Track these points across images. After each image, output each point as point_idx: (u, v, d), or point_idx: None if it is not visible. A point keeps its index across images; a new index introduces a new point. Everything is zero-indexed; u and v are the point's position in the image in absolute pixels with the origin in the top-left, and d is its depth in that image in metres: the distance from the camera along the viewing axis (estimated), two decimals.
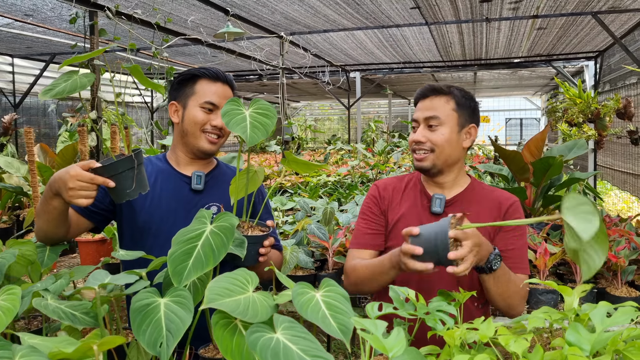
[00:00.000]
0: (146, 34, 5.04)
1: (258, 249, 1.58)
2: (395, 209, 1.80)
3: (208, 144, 1.79)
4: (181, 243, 1.27)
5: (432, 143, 1.71)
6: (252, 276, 1.13)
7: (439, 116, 1.70)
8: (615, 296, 1.96)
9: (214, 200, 1.82)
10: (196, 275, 1.21)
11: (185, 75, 1.82)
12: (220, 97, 1.78)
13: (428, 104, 1.73)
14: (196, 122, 1.77)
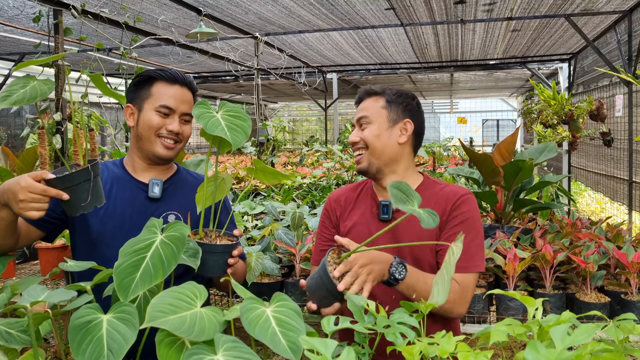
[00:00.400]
0: (117, 33, 4.93)
1: (226, 259, 1.51)
2: (347, 220, 1.77)
3: (164, 149, 1.70)
4: (129, 254, 1.20)
5: (364, 141, 1.71)
6: (200, 290, 1.07)
7: (367, 115, 1.72)
8: (584, 302, 1.94)
9: (172, 208, 1.74)
10: (144, 288, 1.15)
11: (141, 76, 1.73)
12: (177, 100, 1.70)
13: (361, 107, 1.76)
14: (151, 126, 1.68)
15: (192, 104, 1.75)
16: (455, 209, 1.64)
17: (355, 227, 1.73)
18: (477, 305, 1.99)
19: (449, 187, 1.71)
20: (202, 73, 10.32)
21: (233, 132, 1.39)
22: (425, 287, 1.54)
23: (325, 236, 1.80)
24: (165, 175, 1.80)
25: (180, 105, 1.70)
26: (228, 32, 6.13)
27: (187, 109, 1.72)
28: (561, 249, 2.11)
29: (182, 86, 1.72)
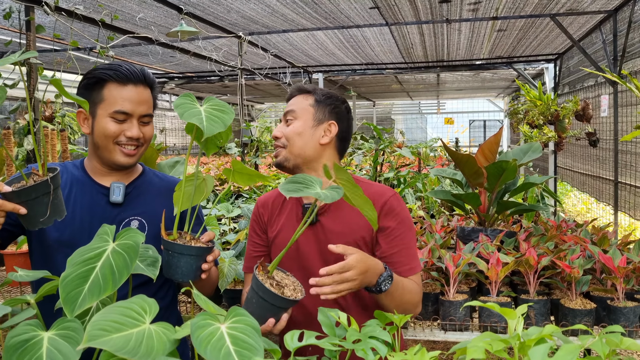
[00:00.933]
0: (94, 31, 4.81)
1: (200, 264, 1.42)
2: (274, 224, 1.73)
3: (124, 157, 1.58)
4: (77, 264, 1.10)
5: (285, 137, 1.68)
6: (150, 304, 0.97)
7: (294, 110, 1.70)
8: (569, 308, 1.86)
9: (135, 214, 1.63)
10: (92, 302, 1.05)
11: (90, 78, 1.57)
12: (133, 103, 1.56)
13: (290, 103, 1.73)
14: (107, 134, 1.55)
15: (151, 102, 1.62)
16: (386, 213, 1.61)
17: (282, 232, 1.69)
18: (459, 313, 1.91)
19: (375, 187, 1.68)
20: (186, 73, 10.18)
21: (210, 121, 1.32)
22: (403, 293, 1.52)
23: (257, 242, 1.76)
24: (128, 178, 1.68)
25: (137, 107, 1.56)
26: (210, 31, 6.03)
27: (146, 110, 1.59)
28: (545, 253, 2.04)
29: (136, 85, 1.57)
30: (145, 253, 1.26)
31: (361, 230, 1.60)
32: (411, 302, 1.54)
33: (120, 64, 1.59)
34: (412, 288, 1.55)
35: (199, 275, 1.43)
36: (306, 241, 1.63)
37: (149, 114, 1.61)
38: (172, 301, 1.76)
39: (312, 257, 1.63)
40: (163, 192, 1.70)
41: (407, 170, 5.18)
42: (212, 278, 1.66)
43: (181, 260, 1.39)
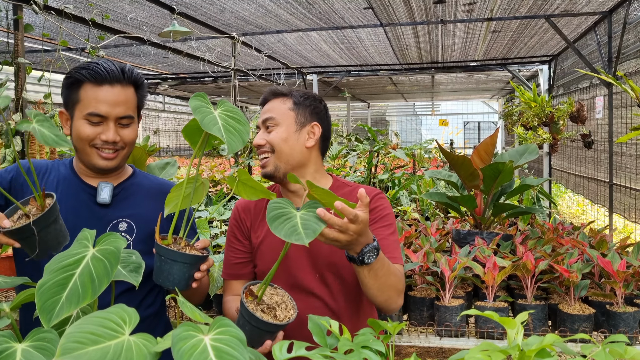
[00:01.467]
0: (84, 31, 4.74)
1: (193, 272, 1.35)
2: (258, 229, 1.66)
3: (102, 160, 1.51)
4: (55, 272, 1.05)
5: (270, 144, 1.61)
6: (130, 314, 0.92)
7: (274, 116, 1.62)
8: (567, 314, 1.82)
9: (124, 215, 1.57)
10: (70, 311, 1.00)
11: (68, 78, 1.51)
12: (109, 104, 1.48)
13: (267, 108, 1.66)
14: (83, 137, 1.49)
15: (132, 102, 1.54)
16: (372, 209, 1.60)
17: (267, 239, 1.63)
18: (455, 318, 1.86)
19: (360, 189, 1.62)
20: (179, 74, 10.11)
21: (230, 134, 1.25)
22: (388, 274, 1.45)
23: (237, 248, 1.69)
24: (117, 179, 1.63)
25: (113, 109, 1.48)
26: (203, 31, 5.97)
27: (123, 112, 1.51)
28: (543, 257, 2.00)
29: (112, 85, 1.48)
30: (128, 258, 1.21)
31: None
32: (395, 288, 1.48)
33: (99, 62, 1.50)
34: (397, 272, 1.50)
35: (190, 284, 1.37)
36: (294, 248, 1.58)
37: (128, 116, 1.53)
38: (161, 307, 1.70)
39: (301, 265, 1.59)
40: (153, 194, 1.65)
41: (402, 172, 5.14)
42: (203, 286, 1.61)
43: (174, 268, 1.33)
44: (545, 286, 1.97)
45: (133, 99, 1.55)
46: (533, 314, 1.85)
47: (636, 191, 5.44)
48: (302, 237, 1.17)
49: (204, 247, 1.40)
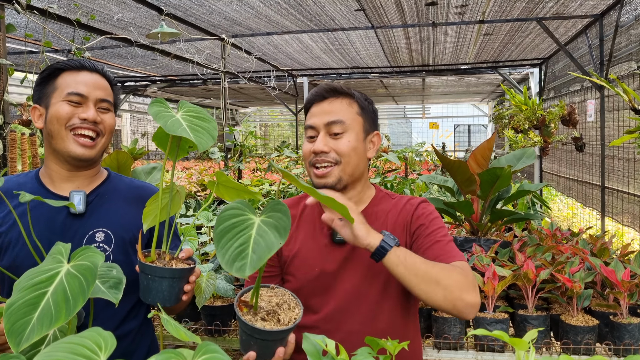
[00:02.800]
0: (70, 32, 4.64)
1: (182, 285, 1.27)
2: (289, 243, 1.49)
3: (79, 147, 1.43)
4: (26, 290, 0.96)
5: (337, 153, 1.43)
6: (106, 339, 0.83)
7: (343, 120, 1.44)
8: (570, 325, 1.75)
9: (100, 225, 1.47)
10: (42, 333, 0.91)
11: (44, 72, 1.48)
12: (89, 86, 1.45)
13: (327, 108, 1.46)
14: (60, 117, 1.42)
15: (110, 92, 1.52)
16: (418, 215, 1.46)
17: (302, 251, 1.47)
18: (453, 330, 1.79)
19: (404, 198, 1.53)
20: (168, 76, 10.00)
21: (196, 133, 1.21)
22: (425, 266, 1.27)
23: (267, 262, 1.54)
24: (91, 184, 1.52)
25: (94, 90, 1.45)
26: (193, 33, 5.87)
27: (104, 95, 1.48)
28: (543, 265, 1.93)
29: (91, 72, 1.48)
30: (108, 273, 1.12)
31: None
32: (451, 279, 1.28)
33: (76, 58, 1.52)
34: (445, 265, 1.31)
35: (181, 297, 1.29)
36: (331, 261, 1.43)
37: (108, 100, 1.49)
38: (146, 321, 1.61)
39: (338, 278, 1.43)
40: (130, 198, 1.55)
41: (394, 176, 5.07)
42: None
43: (163, 284, 1.24)
44: (545, 296, 1.90)
45: (110, 90, 1.52)
46: (535, 325, 1.78)
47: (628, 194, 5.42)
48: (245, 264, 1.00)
49: (188, 257, 1.31)
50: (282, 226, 1.05)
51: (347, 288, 1.43)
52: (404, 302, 1.45)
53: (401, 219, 1.47)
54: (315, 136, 1.47)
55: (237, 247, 1.04)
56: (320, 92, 1.49)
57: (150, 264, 1.22)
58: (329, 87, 1.49)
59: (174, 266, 1.25)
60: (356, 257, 1.44)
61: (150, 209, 1.33)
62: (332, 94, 1.48)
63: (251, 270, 0.99)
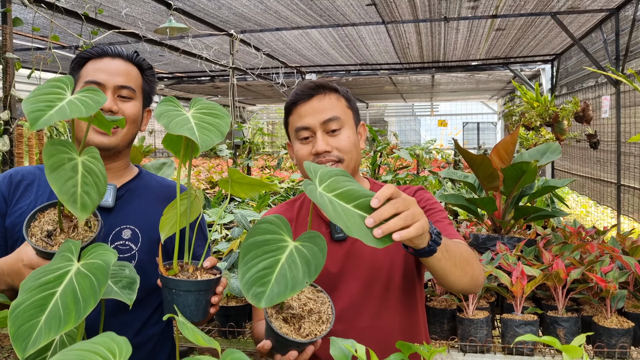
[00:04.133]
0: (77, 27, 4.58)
1: (210, 298, 1.16)
2: None
3: (97, 135, 1.36)
4: (32, 290, 0.89)
5: (339, 151, 1.38)
6: (121, 345, 0.75)
7: (339, 116, 1.39)
8: (604, 327, 1.66)
9: (128, 222, 1.39)
10: (50, 337, 0.84)
11: (73, 60, 1.43)
12: (107, 72, 1.38)
13: (318, 105, 1.39)
14: None
15: (135, 78, 1.44)
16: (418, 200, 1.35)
17: None
18: (480, 332, 1.70)
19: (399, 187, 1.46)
20: (176, 73, 9.94)
21: (204, 130, 1.08)
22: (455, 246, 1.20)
23: None
24: (120, 179, 1.45)
25: (112, 78, 1.38)
26: (201, 28, 5.81)
27: (124, 81, 1.40)
28: (573, 265, 1.84)
29: (113, 58, 1.41)
30: (120, 272, 1.04)
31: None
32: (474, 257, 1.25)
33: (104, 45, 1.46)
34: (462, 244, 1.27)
35: (209, 310, 1.17)
36: (334, 260, 1.38)
37: (129, 87, 1.41)
38: (168, 326, 1.52)
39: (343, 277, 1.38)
40: (161, 197, 1.46)
41: (406, 173, 4.98)
42: None
43: (189, 298, 1.13)
44: (576, 296, 1.81)
45: (136, 76, 1.45)
46: (566, 327, 1.69)
47: None
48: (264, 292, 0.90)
49: (212, 266, 1.22)
50: (315, 263, 0.96)
51: (354, 286, 1.38)
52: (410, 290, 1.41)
53: None
54: (309, 137, 1.41)
55: (261, 269, 0.95)
56: (306, 90, 1.42)
57: (173, 277, 1.12)
58: (314, 84, 1.43)
59: (199, 278, 1.15)
60: (357, 251, 1.39)
61: (167, 217, 1.23)
62: (319, 90, 1.42)
63: (267, 303, 0.90)
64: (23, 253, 1.11)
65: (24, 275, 1.09)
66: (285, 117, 1.48)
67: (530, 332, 1.66)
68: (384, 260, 1.39)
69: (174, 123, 1.06)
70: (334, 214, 0.93)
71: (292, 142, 1.47)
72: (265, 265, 0.95)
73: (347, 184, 1.02)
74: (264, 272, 0.94)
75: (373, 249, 1.35)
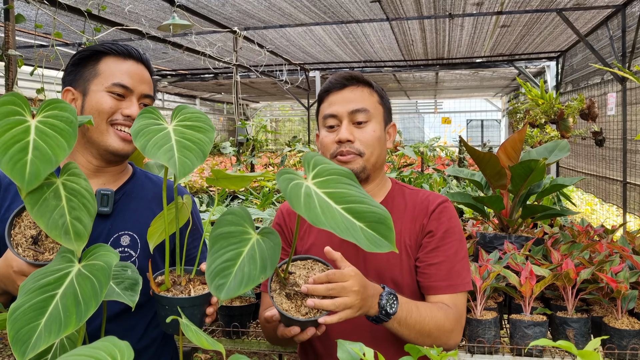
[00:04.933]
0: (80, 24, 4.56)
1: (205, 310, 1.14)
2: (304, 237, 1.45)
3: (119, 141, 1.32)
4: (32, 292, 0.86)
5: (362, 143, 1.38)
6: (122, 349, 0.73)
7: (368, 109, 1.40)
8: (615, 329, 1.63)
9: (126, 227, 1.35)
10: (50, 341, 0.82)
11: (84, 52, 1.36)
12: (134, 78, 1.34)
13: (349, 96, 1.40)
14: (101, 110, 1.30)
15: (152, 86, 1.41)
16: (434, 219, 1.38)
17: (315, 246, 1.41)
18: (488, 333, 1.68)
19: (423, 193, 1.45)
20: (179, 70, 9.92)
21: (184, 151, 0.98)
22: (420, 320, 1.24)
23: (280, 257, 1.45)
24: (117, 181, 1.41)
25: (139, 84, 1.34)
26: (205, 25, 5.78)
27: (148, 90, 1.37)
28: (582, 264, 1.81)
29: (137, 62, 1.37)
30: (122, 273, 1.02)
31: (405, 237, 1.38)
32: (441, 330, 1.26)
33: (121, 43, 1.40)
34: (437, 313, 1.27)
35: (204, 321, 1.16)
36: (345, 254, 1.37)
37: (151, 96, 1.38)
38: None
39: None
40: (158, 199, 1.43)
41: (410, 170, 4.95)
42: None
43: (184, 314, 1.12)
44: (585, 297, 1.78)
45: (152, 85, 1.42)
46: (575, 328, 1.66)
47: None
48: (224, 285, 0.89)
49: None
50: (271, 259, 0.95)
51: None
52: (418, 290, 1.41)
53: (417, 217, 1.41)
54: (335, 125, 1.41)
55: (224, 261, 0.93)
56: (339, 79, 1.43)
57: (165, 294, 1.09)
58: (349, 75, 1.44)
59: (192, 290, 1.11)
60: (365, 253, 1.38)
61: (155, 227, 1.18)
62: (352, 82, 1.43)
63: (227, 296, 0.89)
64: (11, 259, 1.07)
65: (17, 281, 1.07)
66: (317, 105, 1.49)
67: (539, 332, 1.64)
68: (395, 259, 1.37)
69: (151, 144, 0.97)
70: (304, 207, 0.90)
71: (319, 130, 1.47)
72: (228, 257, 0.94)
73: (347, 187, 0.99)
74: (226, 265, 0.93)
75: None
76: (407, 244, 1.37)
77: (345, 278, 1.10)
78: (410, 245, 1.37)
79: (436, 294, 1.34)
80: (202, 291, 1.12)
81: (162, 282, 1.13)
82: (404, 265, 1.37)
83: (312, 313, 1.11)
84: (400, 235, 1.38)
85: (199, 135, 1.02)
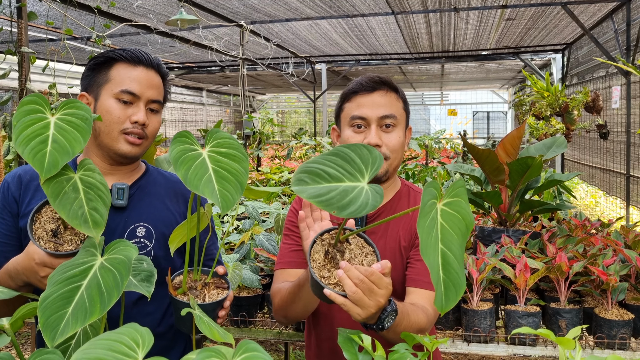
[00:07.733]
0: (90, 19, 4.64)
1: (217, 312, 1.22)
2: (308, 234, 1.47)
3: (128, 145, 1.39)
4: (60, 283, 0.95)
5: (388, 148, 1.43)
6: (143, 335, 0.81)
7: (396, 115, 1.44)
8: (605, 319, 1.71)
9: (141, 219, 1.43)
10: (76, 328, 0.90)
11: (98, 58, 1.42)
12: (142, 84, 1.39)
13: (379, 100, 1.44)
14: (110, 117, 1.36)
15: (162, 90, 1.47)
16: None
17: None
18: (484, 323, 1.76)
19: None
20: (186, 63, 10.00)
21: (223, 183, 1.00)
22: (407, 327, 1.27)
23: (297, 234, 1.50)
24: (131, 177, 1.48)
25: (147, 90, 1.40)
26: (212, 19, 5.84)
27: (156, 95, 1.43)
28: (576, 257, 1.88)
29: (147, 68, 1.42)
30: (139, 266, 1.10)
31: (401, 239, 1.44)
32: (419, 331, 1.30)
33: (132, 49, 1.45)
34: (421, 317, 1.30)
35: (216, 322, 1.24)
36: None
37: (159, 101, 1.44)
38: None
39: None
40: (171, 193, 1.51)
41: (415, 164, 5.02)
42: None
43: None
44: (577, 288, 1.86)
45: (162, 87, 1.47)
46: (567, 318, 1.74)
47: None
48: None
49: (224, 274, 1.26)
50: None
51: None
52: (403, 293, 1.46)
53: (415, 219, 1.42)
54: (362, 126, 1.45)
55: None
56: (369, 82, 1.46)
57: (181, 298, 1.16)
58: (379, 79, 1.47)
59: (207, 296, 1.19)
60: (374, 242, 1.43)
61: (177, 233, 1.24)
62: (382, 86, 1.46)
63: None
64: (33, 252, 1.15)
65: (39, 273, 1.14)
66: (340, 102, 1.51)
67: (532, 323, 1.71)
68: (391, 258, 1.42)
69: (191, 174, 1.00)
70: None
71: (342, 128, 1.50)
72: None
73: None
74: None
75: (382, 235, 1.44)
76: (403, 245, 1.43)
77: (381, 287, 1.11)
78: (405, 247, 1.43)
79: (417, 287, 1.38)
80: (215, 297, 1.20)
81: (179, 285, 1.20)
82: (398, 264, 1.43)
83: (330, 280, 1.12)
84: (397, 238, 1.43)
85: (235, 165, 1.05)
